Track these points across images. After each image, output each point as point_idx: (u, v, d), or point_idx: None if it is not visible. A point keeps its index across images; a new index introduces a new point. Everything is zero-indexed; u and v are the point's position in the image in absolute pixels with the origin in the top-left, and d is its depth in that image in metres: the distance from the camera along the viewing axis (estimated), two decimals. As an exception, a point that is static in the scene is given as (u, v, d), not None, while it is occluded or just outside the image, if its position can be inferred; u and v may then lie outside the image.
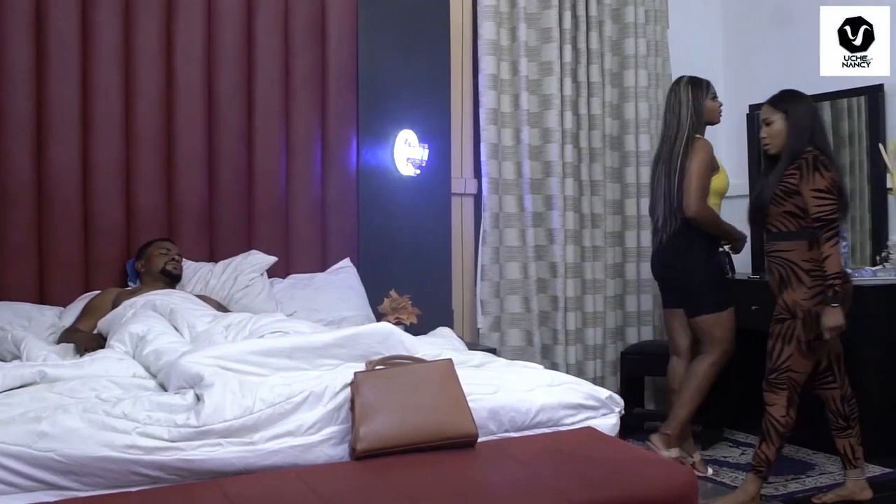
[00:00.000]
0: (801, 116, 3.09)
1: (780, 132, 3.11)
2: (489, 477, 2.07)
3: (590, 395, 2.52)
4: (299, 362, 2.36)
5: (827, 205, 2.98)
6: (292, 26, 3.81)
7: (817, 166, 2.99)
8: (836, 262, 2.97)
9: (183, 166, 3.62)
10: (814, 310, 3.00)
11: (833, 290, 2.96)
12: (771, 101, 3.20)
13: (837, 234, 2.98)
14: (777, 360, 3.06)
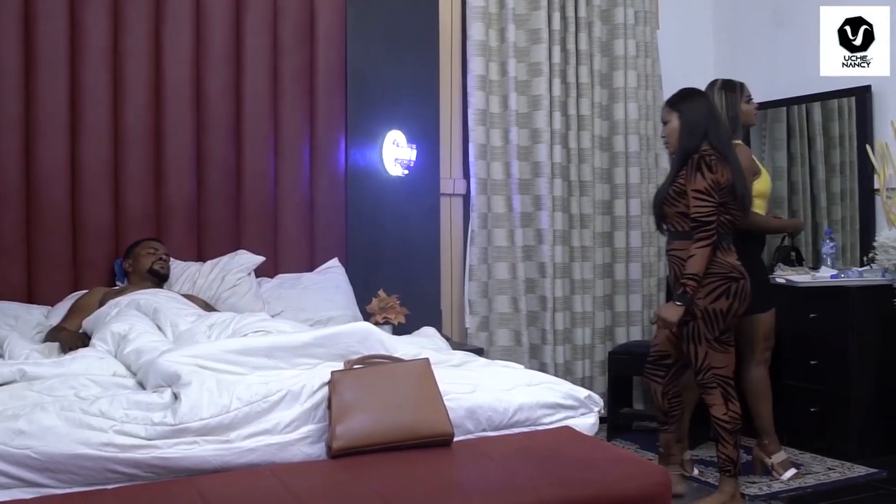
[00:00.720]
0: (693, 115, 3.10)
1: (675, 131, 3.13)
2: (463, 475, 2.09)
3: (568, 395, 2.54)
4: (278, 361, 2.38)
5: (702, 206, 2.98)
6: (281, 27, 3.83)
7: (700, 166, 3.01)
8: (697, 264, 2.98)
9: (171, 167, 3.64)
10: (710, 308, 3.02)
11: (684, 289, 2.99)
12: (668, 101, 3.24)
13: (710, 237, 2.98)
14: (697, 362, 3.08)
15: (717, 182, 3.00)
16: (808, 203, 4.55)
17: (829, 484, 3.43)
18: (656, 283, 4.56)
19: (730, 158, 3.09)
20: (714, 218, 2.99)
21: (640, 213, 4.47)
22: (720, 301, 3.01)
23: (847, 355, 3.74)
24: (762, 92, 4.53)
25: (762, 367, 3.48)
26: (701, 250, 2.97)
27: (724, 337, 3.07)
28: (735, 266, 3.06)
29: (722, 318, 3.03)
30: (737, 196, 3.07)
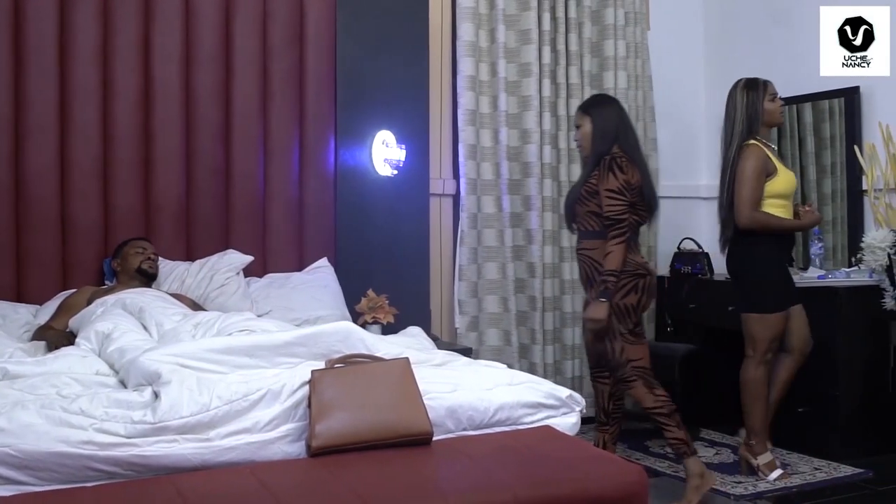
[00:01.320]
0: (605, 120, 3.26)
1: (588, 135, 3.28)
2: (440, 474, 2.10)
3: (550, 394, 2.55)
4: (259, 360, 2.40)
5: (616, 205, 3.12)
6: (271, 28, 3.84)
7: (612, 167, 3.16)
8: (615, 260, 3.11)
9: (160, 166, 3.65)
10: (622, 303, 3.15)
11: (605, 286, 3.12)
12: (581, 107, 3.40)
13: (623, 233, 3.12)
14: (615, 357, 3.21)
15: (629, 182, 3.15)
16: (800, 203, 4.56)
17: (814, 484, 3.44)
18: (646, 283, 4.57)
19: (638, 162, 3.25)
20: (627, 216, 3.14)
21: (629, 213, 4.47)
22: (630, 296, 3.17)
23: (834, 356, 3.75)
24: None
25: (762, 367, 3.48)
26: (617, 247, 3.12)
27: (637, 329, 3.23)
28: (641, 263, 3.23)
29: (633, 312, 3.19)
30: (644, 198, 3.23)
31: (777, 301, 3.45)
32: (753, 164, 3.36)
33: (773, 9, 4.51)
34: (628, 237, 3.14)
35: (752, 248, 3.45)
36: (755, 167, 3.36)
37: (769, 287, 3.45)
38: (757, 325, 3.45)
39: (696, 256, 4.49)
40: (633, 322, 3.20)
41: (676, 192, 4.81)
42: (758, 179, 3.37)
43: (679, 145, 4.83)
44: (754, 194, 3.38)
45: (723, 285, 4.34)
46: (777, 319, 3.45)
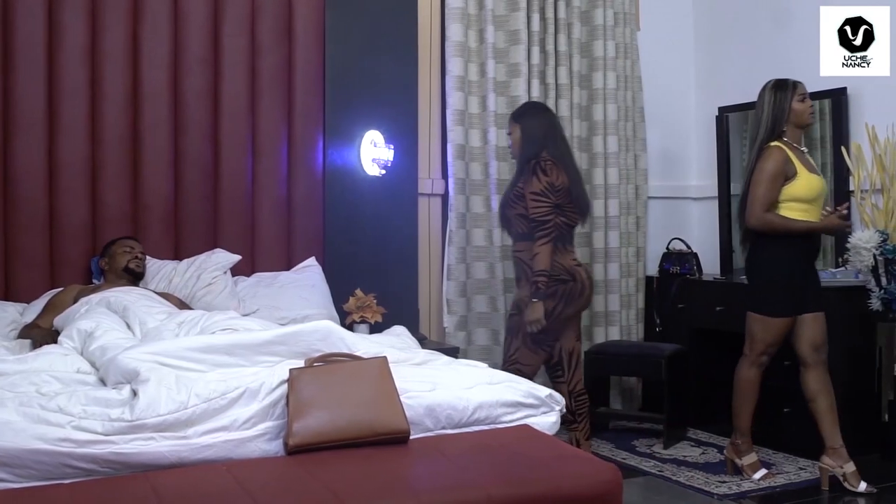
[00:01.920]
0: (533, 127, 3.39)
1: (518, 142, 3.40)
2: (414, 473, 2.12)
3: (529, 394, 2.56)
4: (238, 359, 2.41)
5: (539, 206, 3.24)
6: (259, 28, 3.86)
7: (535, 170, 3.28)
8: (543, 261, 3.23)
9: (149, 166, 3.67)
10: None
11: (536, 286, 3.22)
12: (511, 115, 3.51)
13: (548, 234, 3.22)
14: (507, 353, 3.33)
15: (552, 184, 3.26)
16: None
17: (798, 483, 3.46)
18: (635, 283, 4.59)
19: (567, 167, 3.37)
20: (551, 218, 3.26)
21: (618, 213, 4.49)
22: (546, 302, 3.26)
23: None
24: (741, 93, 4.56)
25: (755, 369, 3.45)
26: (543, 248, 3.23)
27: (540, 337, 3.30)
28: (567, 268, 3.32)
29: (544, 318, 3.25)
30: (572, 200, 3.34)
31: (782, 306, 3.37)
32: (769, 166, 3.31)
33: (765, 9, 4.52)
34: (554, 238, 3.25)
35: (763, 250, 3.41)
36: (771, 169, 3.31)
37: (775, 290, 3.38)
38: (757, 325, 3.42)
39: (684, 256, 4.51)
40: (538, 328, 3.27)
41: (666, 193, 4.83)
42: (772, 181, 3.31)
43: (669, 146, 4.84)
44: (767, 196, 3.31)
45: (711, 285, 4.36)
46: (778, 324, 3.38)
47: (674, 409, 4.01)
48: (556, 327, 3.34)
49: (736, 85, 4.62)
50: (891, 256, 3.66)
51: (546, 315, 3.26)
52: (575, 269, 3.35)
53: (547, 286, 3.24)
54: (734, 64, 4.68)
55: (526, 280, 3.34)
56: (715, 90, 4.75)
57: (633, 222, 4.59)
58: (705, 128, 4.75)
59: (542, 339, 3.32)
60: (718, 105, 4.65)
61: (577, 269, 3.37)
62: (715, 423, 4.28)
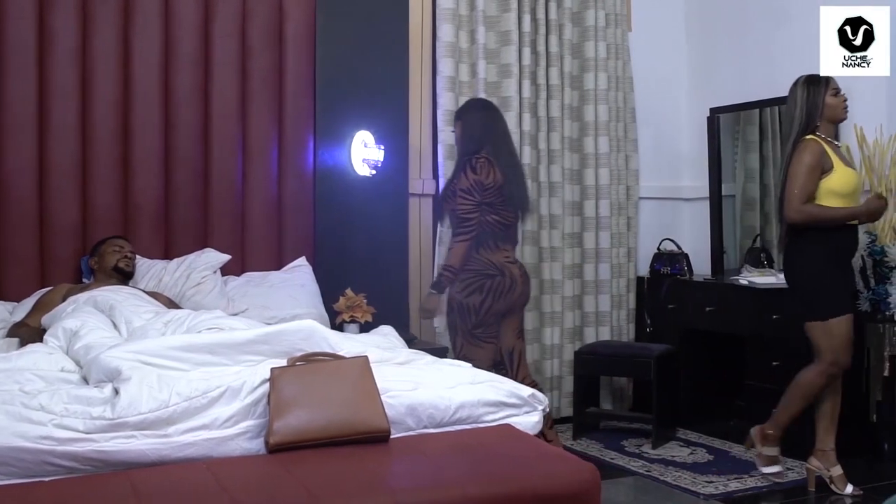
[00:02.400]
0: (471, 125, 3.45)
1: (459, 138, 3.45)
2: (392, 471, 2.13)
3: (511, 393, 2.57)
4: (221, 358, 2.42)
5: (464, 203, 3.30)
6: (250, 29, 3.87)
7: (465, 168, 3.32)
8: (455, 257, 3.30)
9: (139, 166, 3.69)
10: (464, 301, 3.30)
11: (440, 278, 3.34)
12: (456, 111, 3.55)
13: (468, 232, 3.28)
14: (456, 353, 3.35)
15: (481, 183, 3.29)
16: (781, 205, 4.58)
17: (785, 484, 3.46)
18: (626, 283, 4.60)
19: (504, 165, 3.38)
20: (475, 216, 3.30)
21: (609, 214, 4.50)
22: (473, 296, 3.31)
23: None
24: (732, 94, 4.58)
25: (824, 378, 3.31)
26: (459, 244, 3.29)
27: (477, 331, 3.35)
28: (495, 263, 3.35)
29: (474, 313, 3.31)
30: (505, 198, 3.35)
31: (835, 305, 3.28)
32: (806, 159, 3.25)
33: (756, 10, 4.52)
34: (475, 235, 3.30)
35: (799, 253, 3.32)
36: (808, 162, 3.25)
37: (822, 291, 3.29)
38: (818, 333, 3.30)
39: (675, 257, 4.52)
40: (473, 322, 3.31)
41: (658, 193, 4.84)
42: (810, 174, 3.25)
43: (661, 146, 4.85)
44: (805, 189, 3.25)
45: (701, 286, 4.37)
46: (839, 325, 3.27)
47: (663, 410, 4.02)
48: (489, 321, 3.37)
49: (727, 86, 4.64)
50: (879, 257, 3.67)
51: (475, 309, 3.32)
52: (505, 265, 3.38)
53: (453, 282, 3.33)
54: (725, 65, 4.69)
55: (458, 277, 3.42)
56: (706, 91, 4.76)
57: (625, 223, 4.60)
58: (697, 129, 4.76)
59: (478, 334, 3.37)
60: (710, 106, 4.65)
61: (508, 266, 3.39)
62: (705, 424, 4.29)
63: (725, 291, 4.16)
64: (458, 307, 3.35)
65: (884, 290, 3.65)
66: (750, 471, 3.60)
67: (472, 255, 3.33)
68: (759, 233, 4.66)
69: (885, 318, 3.68)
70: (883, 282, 3.67)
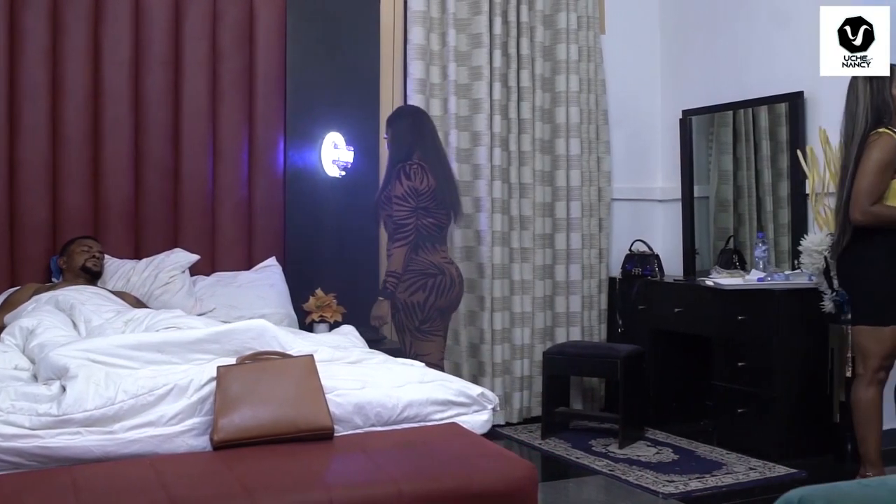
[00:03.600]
0: (401, 131, 3.53)
1: (391, 145, 3.53)
2: (330, 468, 2.16)
3: (460, 392, 2.60)
4: (171, 356, 2.46)
5: (400, 210, 3.40)
6: (220, 31, 3.91)
7: (399, 174, 3.40)
8: (395, 262, 3.39)
9: (109, 166, 3.73)
10: (409, 300, 3.44)
11: (385, 285, 3.43)
12: (387, 119, 3.67)
13: (406, 237, 3.36)
14: (406, 351, 3.44)
15: (415, 189, 3.39)
16: (754, 207, 4.61)
17: (745, 483, 3.49)
18: (597, 284, 4.63)
19: (436, 169, 3.48)
20: (411, 221, 3.39)
21: (580, 215, 4.54)
22: (417, 294, 3.43)
23: (772, 357, 3.79)
24: (704, 96, 4.61)
25: (874, 387, 3.20)
26: (398, 250, 3.40)
27: (424, 327, 3.48)
28: (435, 263, 3.47)
29: (420, 309, 3.44)
30: (438, 201, 3.47)
31: (892, 312, 3.16)
32: (877, 156, 3.07)
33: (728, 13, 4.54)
34: (414, 240, 3.40)
35: (865, 254, 3.18)
36: (879, 158, 3.07)
37: (883, 296, 3.15)
38: (867, 338, 3.19)
39: (647, 258, 4.54)
40: (419, 319, 3.45)
41: (631, 195, 4.86)
42: (881, 172, 3.06)
43: (634, 148, 4.88)
44: (874, 187, 3.06)
45: (671, 287, 4.40)
46: (892, 333, 3.16)
47: (630, 410, 4.05)
48: (434, 316, 3.50)
49: (700, 88, 4.66)
50: (842, 259, 3.69)
51: (420, 306, 3.45)
52: (444, 265, 3.51)
53: (397, 286, 3.42)
54: (698, 67, 4.71)
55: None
56: (679, 93, 4.79)
57: (596, 224, 4.63)
58: (670, 130, 4.79)
59: (425, 329, 3.49)
60: (682, 108, 4.68)
61: (446, 266, 3.53)
62: (673, 424, 4.32)
63: (693, 293, 4.19)
64: (404, 307, 3.46)
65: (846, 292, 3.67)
66: (712, 471, 3.63)
67: (411, 258, 3.44)
68: (732, 234, 4.69)
69: (848, 320, 3.69)
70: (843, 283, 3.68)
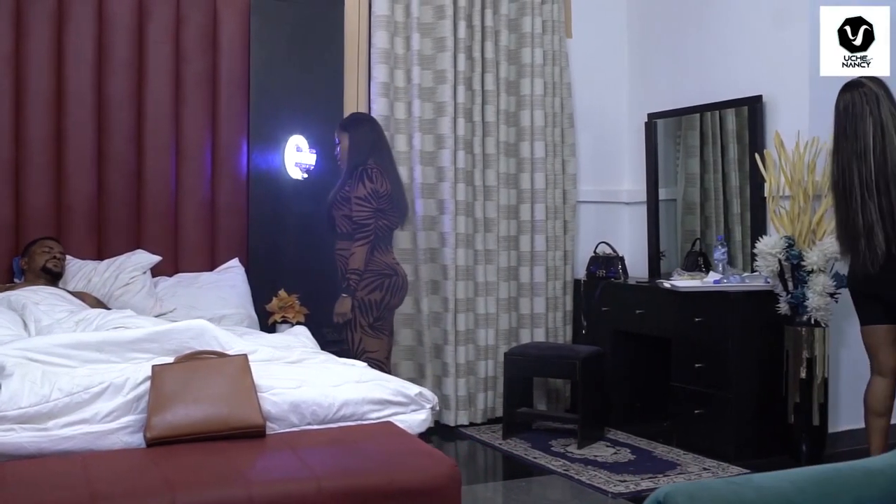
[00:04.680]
0: (360, 137, 3.64)
1: (346, 150, 3.62)
2: (255, 464, 2.21)
3: (398, 392, 2.65)
4: (110, 356, 2.52)
5: (362, 210, 3.52)
6: (184, 35, 3.96)
7: (362, 177, 3.55)
8: (358, 260, 3.52)
9: (73, 168, 3.78)
10: (366, 299, 3.56)
11: (348, 283, 3.54)
12: (341, 124, 3.72)
13: (367, 237, 3.50)
14: (354, 348, 3.54)
15: (377, 191, 3.55)
16: (721, 209, 4.64)
17: (696, 483, 3.52)
18: (562, 286, 4.67)
19: (390, 174, 3.65)
20: (371, 221, 3.54)
21: (545, 217, 4.57)
22: (374, 293, 3.57)
23: (727, 359, 3.83)
24: (669, 99, 4.64)
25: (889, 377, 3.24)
26: (360, 249, 3.52)
27: (377, 324, 3.61)
28: (389, 264, 3.63)
29: (375, 308, 3.58)
30: (393, 204, 3.62)
31: None
32: None
33: (693, 17, 4.58)
34: (373, 240, 3.53)
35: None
36: None
37: None
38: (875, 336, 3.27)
39: (611, 260, 4.58)
40: (373, 317, 3.58)
41: (598, 197, 4.90)
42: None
43: (601, 151, 4.91)
44: None
45: (633, 289, 4.44)
46: None
47: (590, 410, 4.09)
48: (385, 315, 3.66)
49: (666, 91, 4.70)
50: (796, 262, 3.73)
51: (377, 304, 3.58)
52: (395, 266, 3.69)
53: (358, 283, 3.54)
54: (664, 71, 4.75)
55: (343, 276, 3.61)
56: (645, 96, 4.83)
57: (561, 226, 4.67)
58: (637, 134, 4.82)
59: (377, 326, 3.61)
60: (647, 111, 4.72)
61: (397, 266, 3.71)
62: (635, 424, 4.35)
63: (653, 294, 4.23)
64: (360, 304, 3.57)
65: (801, 293, 3.71)
66: (666, 471, 3.67)
67: (370, 258, 3.56)
68: (698, 236, 4.72)
69: (803, 321, 3.74)
70: (800, 286, 3.73)
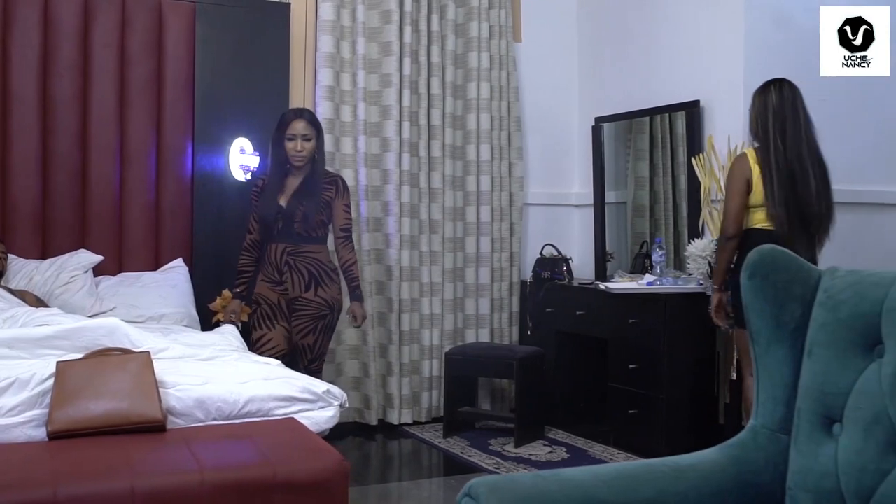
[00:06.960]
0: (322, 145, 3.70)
1: (312, 149, 3.63)
2: (145, 458, 2.27)
3: (305, 389, 2.72)
4: (20, 352, 2.59)
5: (349, 218, 3.71)
6: (129, 38, 4.03)
7: (346, 186, 3.67)
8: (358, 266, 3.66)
9: (17, 168, 3.85)
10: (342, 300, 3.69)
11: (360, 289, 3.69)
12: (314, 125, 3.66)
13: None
14: (317, 350, 3.61)
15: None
16: (671, 212, 4.70)
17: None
18: (508, 287, 4.73)
19: None
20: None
21: (490, 219, 4.64)
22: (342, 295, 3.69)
23: (660, 360, 3.89)
24: (617, 104, 4.70)
25: None
26: (355, 255, 3.70)
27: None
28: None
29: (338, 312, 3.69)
30: None
31: None
32: None
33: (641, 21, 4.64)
34: None
35: None
36: None
37: None
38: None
39: (556, 262, 4.64)
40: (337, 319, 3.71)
41: (547, 200, 4.96)
42: None
43: (550, 154, 4.98)
44: None
45: (575, 290, 4.50)
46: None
47: (528, 410, 4.15)
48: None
49: (614, 95, 4.76)
50: (726, 265, 3.78)
51: (339, 308, 3.70)
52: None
53: None
54: (612, 75, 4.81)
55: (329, 280, 3.62)
56: (593, 101, 4.89)
57: (507, 228, 4.74)
58: (586, 137, 4.89)
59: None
60: (595, 115, 4.79)
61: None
62: (577, 424, 4.41)
63: (591, 296, 4.29)
64: (339, 307, 3.70)
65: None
66: (595, 469, 3.73)
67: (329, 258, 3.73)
68: (647, 239, 4.78)
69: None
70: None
